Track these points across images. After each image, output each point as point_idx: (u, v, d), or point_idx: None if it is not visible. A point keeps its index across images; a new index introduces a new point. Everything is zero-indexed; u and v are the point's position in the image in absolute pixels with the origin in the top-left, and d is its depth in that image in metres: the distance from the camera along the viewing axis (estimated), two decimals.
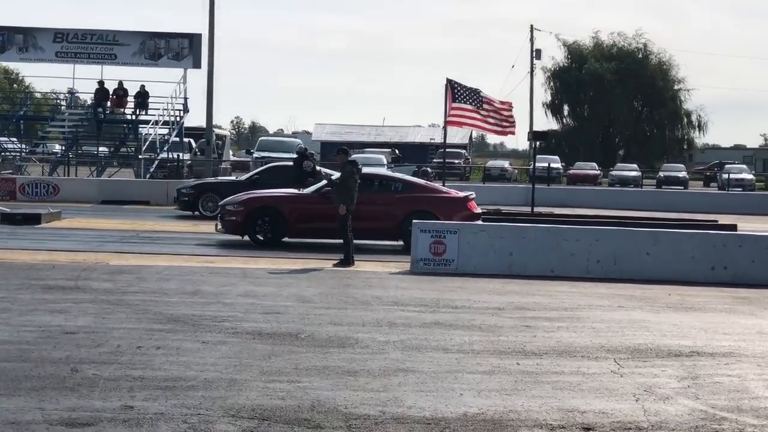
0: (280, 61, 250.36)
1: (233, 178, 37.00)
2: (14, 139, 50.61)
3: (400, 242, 23.14)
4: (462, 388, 9.87)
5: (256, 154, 52.72)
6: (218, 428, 8.28)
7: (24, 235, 24.05)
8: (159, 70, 48.29)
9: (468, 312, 14.51)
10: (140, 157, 44.30)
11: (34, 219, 26.79)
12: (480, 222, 22.65)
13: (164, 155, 45.49)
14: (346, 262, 19.51)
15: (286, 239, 23.16)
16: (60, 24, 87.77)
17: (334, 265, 19.37)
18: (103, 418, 8.42)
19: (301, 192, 24.07)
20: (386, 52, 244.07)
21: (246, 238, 23.10)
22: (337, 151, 21.15)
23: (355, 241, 20.19)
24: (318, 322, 13.22)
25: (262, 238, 22.98)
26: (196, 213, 30.69)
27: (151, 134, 45.00)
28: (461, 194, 24.52)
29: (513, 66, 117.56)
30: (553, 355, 11.62)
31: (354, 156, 51.94)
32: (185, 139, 49.01)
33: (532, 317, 14.25)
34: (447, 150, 40.45)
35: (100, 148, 49.82)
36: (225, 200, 23.93)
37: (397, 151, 71.96)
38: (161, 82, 48.54)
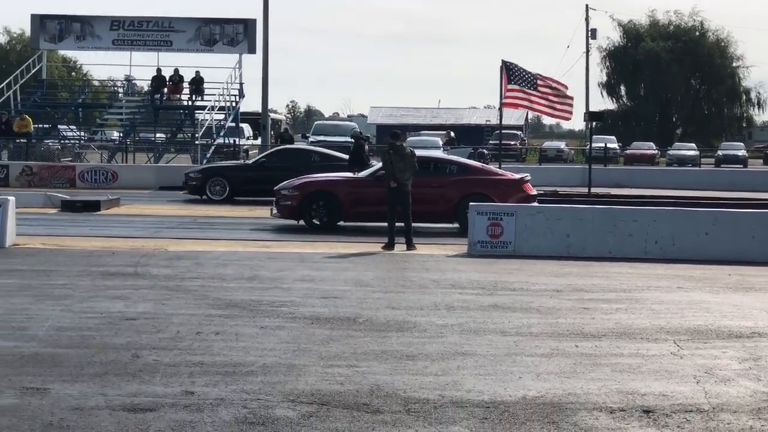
0: (336, 43, 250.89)
1: (240, 161, 37.12)
2: (73, 127, 51.14)
3: (456, 225, 23.09)
4: (521, 371, 9.85)
5: (311, 138, 52.90)
6: (278, 413, 8.33)
7: (84, 222, 24.33)
8: (214, 56, 48.63)
9: (526, 294, 14.47)
10: (197, 143, 44.59)
11: (93, 206, 27.07)
12: (536, 204, 22.58)
13: (220, 141, 45.74)
14: (390, 245, 19.48)
15: (341, 223, 23.22)
16: (116, 12, 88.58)
17: (383, 248, 19.38)
18: (165, 404, 8.51)
19: (356, 176, 24.10)
20: (442, 33, 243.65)
21: (301, 222, 23.18)
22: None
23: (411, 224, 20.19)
24: (376, 306, 13.25)
25: (317, 223, 23.04)
26: (204, 197, 30.69)
27: (207, 120, 45.26)
28: (517, 176, 24.41)
29: (568, 46, 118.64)
30: (612, 337, 11.56)
31: (410, 138, 51.34)
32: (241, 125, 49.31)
33: (590, 299, 14.18)
34: (503, 131, 40.32)
35: (158, 135, 50.22)
36: (280, 185, 23.95)
37: (452, 134, 71.81)
38: (217, 68, 49.02)
